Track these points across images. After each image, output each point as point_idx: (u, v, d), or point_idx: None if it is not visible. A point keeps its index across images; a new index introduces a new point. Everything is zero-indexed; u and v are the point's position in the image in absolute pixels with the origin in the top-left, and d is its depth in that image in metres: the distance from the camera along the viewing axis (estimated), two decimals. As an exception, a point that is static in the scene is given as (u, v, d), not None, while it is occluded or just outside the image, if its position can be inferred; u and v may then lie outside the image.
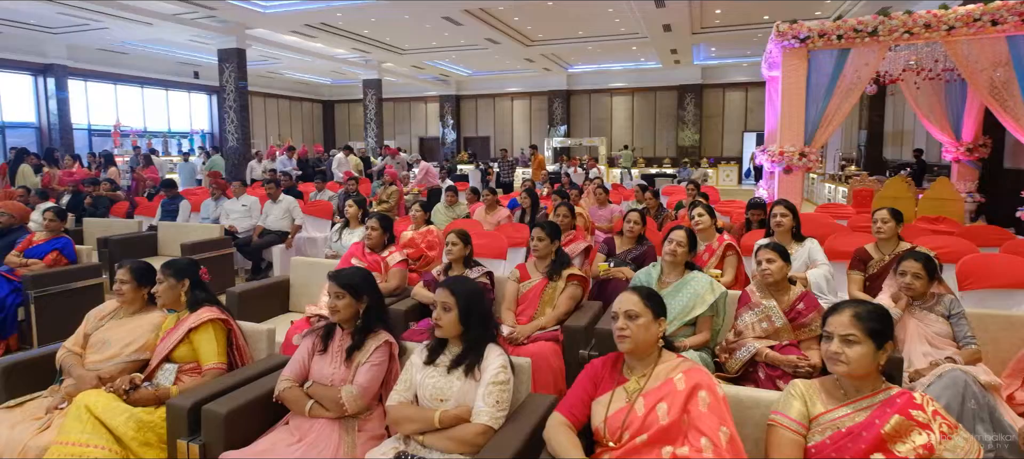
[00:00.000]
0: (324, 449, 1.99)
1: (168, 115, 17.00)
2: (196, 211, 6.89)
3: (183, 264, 2.54)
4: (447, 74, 21.56)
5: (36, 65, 13.42)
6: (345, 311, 2.18)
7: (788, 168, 7.71)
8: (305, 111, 22.97)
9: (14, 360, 2.48)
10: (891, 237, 3.56)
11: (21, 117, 13.59)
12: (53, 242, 4.39)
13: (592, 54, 18.62)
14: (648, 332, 1.80)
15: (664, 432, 1.66)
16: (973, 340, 2.67)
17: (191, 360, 2.38)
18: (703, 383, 1.71)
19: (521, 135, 23.30)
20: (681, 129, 21.43)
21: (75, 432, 2.02)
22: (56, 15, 11.51)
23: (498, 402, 1.91)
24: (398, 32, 14.89)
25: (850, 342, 1.64)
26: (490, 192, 6.00)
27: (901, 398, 1.61)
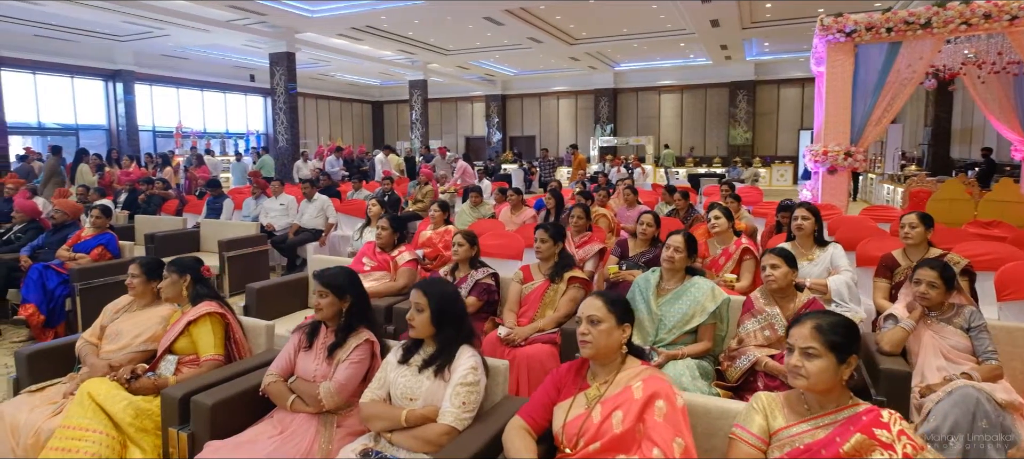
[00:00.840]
0: (300, 442, 2.06)
1: (226, 117, 17.83)
2: (239, 209, 7.20)
3: (186, 261, 2.67)
4: (493, 74, 21.69)
5: (106, 71, 14.36)
6: (328, 309, 2.25)
7: (832, 168, 7.38)
8: (355, 112, 23.60)
9: (37, 348, 2.67)
10: (920, 243, 3.36)
11: (94, 120, 14.57)
12: (99, 238, 4.69)
13: (639, 52, 18.34)
14: (610, 338, 1.77)
15: (617, 441, 1.63)
16: (994, 355, 2.49)
17: (191, 352, 2.51)
18: (661, 392, 1.67)
19: (567, 134, 23.18)
20: (733, 127, 20.80)
21: (77, 417, 2.17)
22: (122, 23, 12.26)
23: (464, 403, 1.93)
24: (442, 33, 15.09)
25: (810, 355, 1.56)
26: (515, 193, 6.01)
27: (867, 416, 1.53)
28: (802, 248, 3.71)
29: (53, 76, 13.69)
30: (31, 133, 13.18)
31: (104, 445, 2.13)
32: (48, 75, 13.58)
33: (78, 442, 2.10)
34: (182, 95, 16.56)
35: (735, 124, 20.74)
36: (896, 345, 2.59)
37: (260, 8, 11.52)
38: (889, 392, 2.44)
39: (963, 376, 2.41)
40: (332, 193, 8.19)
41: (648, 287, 2.97)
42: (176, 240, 6.17)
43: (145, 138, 15.32)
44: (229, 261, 5.56)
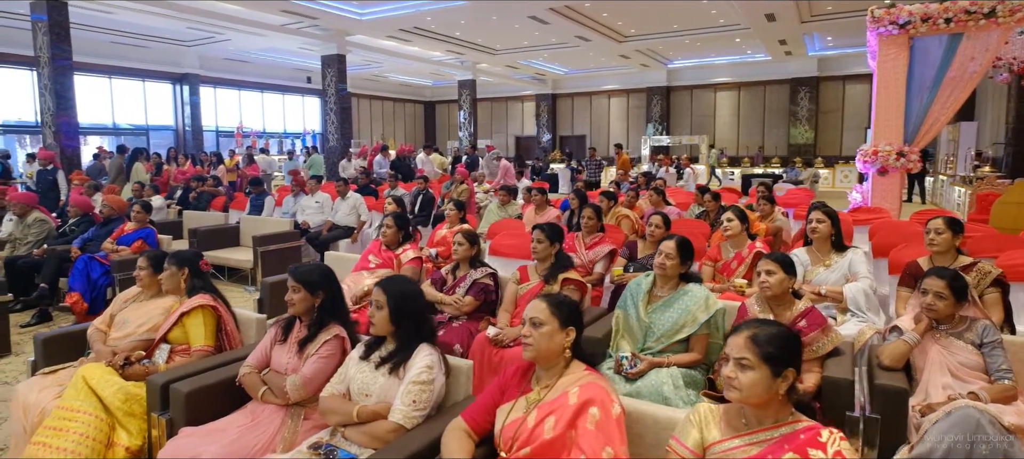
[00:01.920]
0: (265, 432, 2.13)
1: (284, 117, 18.61)
2: (280, 206, 7.49)
3: (185, 255, 2.81)
4: (543, 73, 21.65)
5: (174, 74, 15.27)
6: (300, 305, 2.31)
7: (883, 169, 6.96)
8: (408, 112, 24.10)
9: (52, 333, 2.87)
10: (947, 250, 3.13)
11: (162, 121, 15.55)
12: (139, 232, 5.00)
13: (692, 48, 17.87)
14: (552, 341, 1.74)
15: (547, 446, 1.60)
16: (1008, 374, 2.28)
17: (183, 342, 2.63)
18: (596, 400, 1.62)
19: (618, 133, 22.85)
20: (793, 126, 19.93)
21: (71, 398, 2.32)
22: (187, 30, 13.01)
23: (415, 402, 1.94)
24: (489, 33, 15.19)
25: (743, 366, 1.48)
26: (539, 193, 5.98)
27: (805, 434, 1.44)
28: (819, 253, 3.53)
29: (126, 80, 14.69)
30: (106, 133, 14.19)
31: (92, 426, 2.26)
32: (122, 79, 14.59)
33: (69, 422, 2.25)
34: (243, 96, 17.41)
35: (796, 123, 19.86)
36: (897, 359, 2.42)
37: (311, 11, 11.95)
38: (884, 409, 2.28)
39: (970, 396, 2.23)
40: (369, 192, 8.39)
41: (639, 292, 2.88)
42: (217, 235, 6.49)
43: (209, 138, 16.20)
44: (262, 256, 5.79)
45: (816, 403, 2.41)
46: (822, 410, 2.40)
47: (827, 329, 2.57)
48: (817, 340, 2.54)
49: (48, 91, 8.85)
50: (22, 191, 5.90)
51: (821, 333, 2.55)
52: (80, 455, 2.20)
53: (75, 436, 2.23)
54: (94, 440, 2.25)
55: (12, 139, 12.55)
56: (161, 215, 7.07)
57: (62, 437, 2.22)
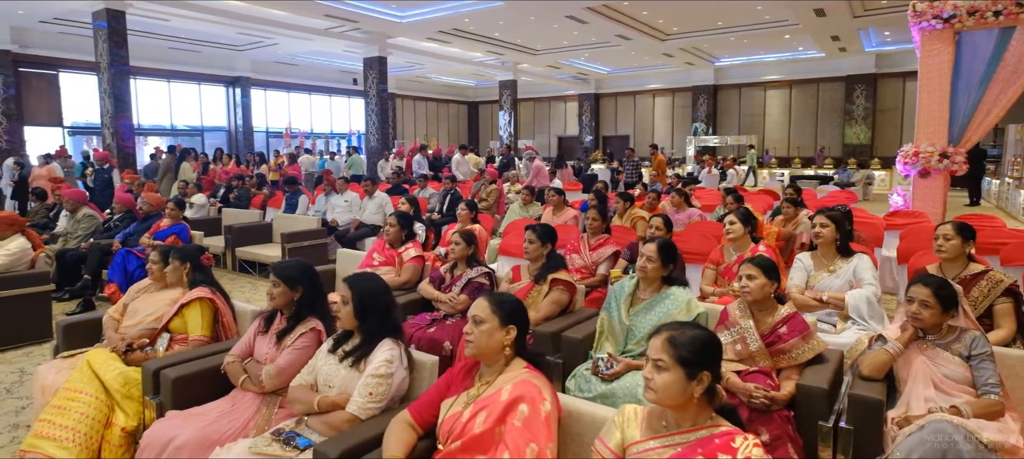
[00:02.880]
0: (241, 417, 2.25)
1: (331, 118, 19.22)
2: (313, 204, 7.77)
3: (188, 250, 2.99)
4: (585, 72, 21.53)
5: (227, 77, 16.03)
6: (280, 298, 2.43)
7: (924, 171, 6.62)
8: (451, 112, 24.43)
9: (73, 320, 3.11)
10: (956, 257, 2.98)
11: (216, 122, 16.34)
12: (173, 227, 5.31)
13: (739, 46, 17.39)
14: (492, 338, 1.78)
15: (476, 440, 1.65)
16: (995, 390, 2.17)
17: (182, 331, 2.80)
18: (526, 397, 1.66)
19: (662, 133, 22.49)
20: (849, 125, 19.12)
21: (75, 380, 2.51)
22: (238, 35, 13.64)
23: (371, 394, 2.01)
24: (527, 33, 15.24)
25: (659, 368, 1.49)
26: (556, 193, 5.99)
27: (721, 439, 1.43)
28: (824, 259, 3.42)
29: (183, 83, 15.52)
30: (165, 134, 15.04)
31: (93, 406, 2.45)
32: (179, 82, 15.42)
33: (72, 402, 2.44)
34: (292, 98, 18.08)
35: (851, 122, 19.04)
36: (876, 370, 2.34)
37: (352, 15, 12.32)
38: (857, 420, 2.21)
39: (951, 410, 2.13)
40: (400, 191, 8.59)
41: (622, 294, 2.88)
42: (251, 232, 6.80)
43: (259, 138, 16.92)
44: (290, 252, 6.04)
45: (790, 411, 2.36)
46: (796, 419, 2.35)
47: (808, 336, 2.50)
48: (796, 347, 2.49)
49: (107, 94, 9.47)
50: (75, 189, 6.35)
51: (801, 340, 2.49)
52: (80, 432, 2.38)
53: (76, 415, 2.41)
54: (94, 419, 2.43)
55: (80, 140, 13.48)
56: (202, 212, 7.46)
57: (65, 415, 2.41)
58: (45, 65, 12.84)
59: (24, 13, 11.20)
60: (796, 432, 2.31)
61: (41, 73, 12.86)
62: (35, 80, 12.80)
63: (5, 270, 4.23)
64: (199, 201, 7.47)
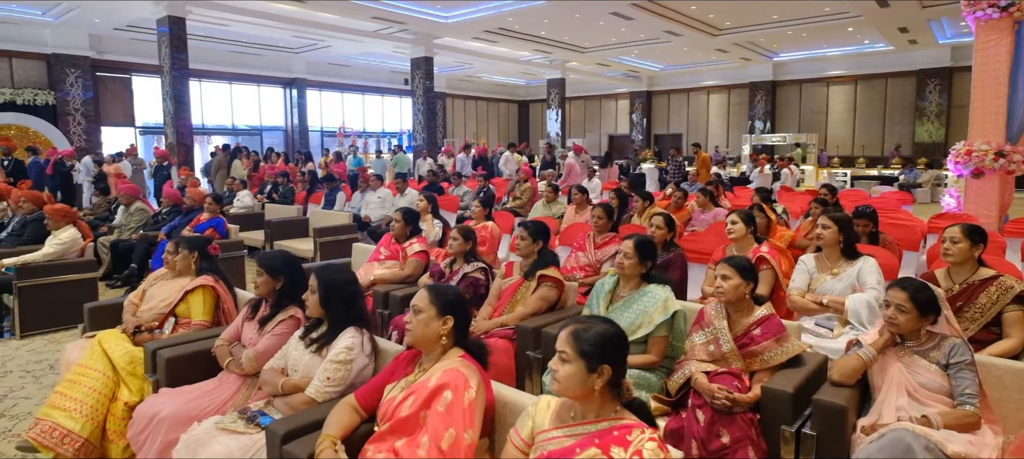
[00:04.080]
0: (220, 396, 2.41)
1: (383, 117, 19.77)
2: (350, 201, 8.06)
3: (197, 241, 3.20)
4: (636, 70, 21.22)
5: (284, 79, 16.79)
6: (263, 287, 2.58)
7: (977, 171, 6.20)
8: (501, 111, 24.60)
9: (99, 304, 3.40)
10: (963, 261, 2.82)
11: (274, 122, 17.15)
12: (211, 221, 5.65)
13: (798, 40, 16.66)
14: (428, 328, 1.85)
15: (401, 424, 1.72)
16: (972, 401, 2.06)
17: (187, 316, 3.01)
18: (450, 384, 1.71)
19: (717, 131, 21.89)
20: (920, 123, 18.03)
21: (87, 358, 2.75)
22: (293, 38, 14.25)
23: (329, 379, 2.12)
24: (574, 31, 15.18)
25: (563, 359, 1.53)
26: (578, 191, 5.99)
27: (618, 432, 1.45)
28: (827, 261, 3.29)
29: (243, 85, 16.36)
30: (226, 133, 15.90)
31: (100, 382, 2.68)
32: (240, 84, 16.27)
33: (82, 378, 2.68)
34: (346, 98, 18.73)
35: (923, 119, 17.94)
36: (848, 375, 2.25)
37: (399, 17, 12.65)
38: (821, 426, 2.14)
39: (921, 420, 2.04)
40: (435, 189, 8.77)
41: (602, 291, 2.89)
42: (289, 226, 7.13)
43: (314, 137, 17.63)
44: (321, 246, 6.30)
45: (755, 414, 2.31)
46: (762, 423, 2.30)
47: (782, 339, 2.44)
48: (768, 350, 2.43)
49: (169, 96, 10.14)
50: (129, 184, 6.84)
51: (774, 343, 2.43)
52: (87, 404, 2.61)
53: (85, 389, 2.65)
54: (100, 393, 2.66)
55: (151, 138, 14.48)
56: (247, 207, 7.87)
57: (76, 389, 2.65)
58: (119, 69, 13.86)
59: (100, 21, 12.13)
60: (760, 436, 2.27)
61: (116, 77, 13.89)
62: (111, 83, 13.84)
63: (57, 257, 4.63)
64: (244, 197, 7.89)
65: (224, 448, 2.01)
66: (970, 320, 2.75)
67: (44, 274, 4.53)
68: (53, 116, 12.53)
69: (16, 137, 11.58)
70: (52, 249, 4.60)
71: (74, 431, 2.54)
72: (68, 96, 12.68)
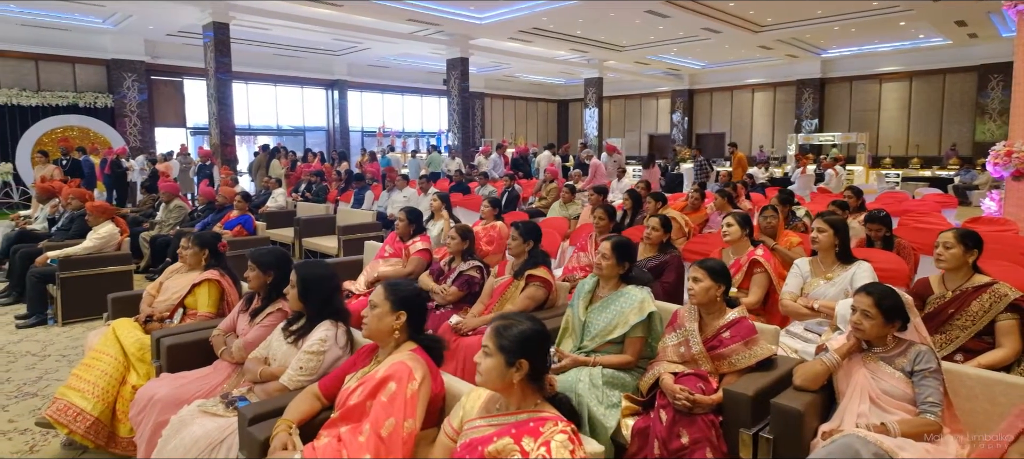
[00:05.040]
0: (211, 382, 2.59)
1: (421, 117, 20.14)
2: (377, 200, 8.30)
3: (206, 238, 3.41)
4: (677, 68, 20.88)
5: (326, 81, 17.33)
6: (254, 282, 2.75)
7: (1017, 173, 5.89)
8: (540, 111, 24.63)
9: (121, 294, 3.66)
10: (957, 267, 2.74)
11: (317, 122, 17.73)
12: (239, 218, 5.95)
13: (846, 35, 16.07)
14: (382, 322, 1.96)
15: (350, 411, 1.83)
16: (933, 409, 2.02)
17: (194, 308, 3.22)
18: (395, 376, 1.81)
19: (762, 130, 21.31)
20: (981, 121, 17.10)
21: (101, 344, 2.99)
22: (333, 41, 14.69)
23: (301, 368, 2.26)
24: (610, 30, 15.08)
25: (485, 353, 1.61)
26: (596, 192, 6.01)
27: (534, 423, 1.52)
28: (822, 265, 3.24)
29: (287, 87, 16.99)
30: (271, 134, 16.55)
31: (111, 366, 2.90)
32: (284, 86, 16.90)
33: (96, 362, 2.91)
34: (386, 99, 19.17)
35: (984, 117, 17.00)
36: (810, 381, 2.23)
37: (434, 19, 12.88)
38: (778, 430, 2.14)
39: (878, 427, 2.01)
40: (462, 188, 8.93)
41: (582, 292, 2.93)
42: (317, 224, 7.40)
43: (355, 137, 18.12)
44: (345, 243, 6.53)
45: (718, 417, 2.32)
46: (723, 424, 2.31)
47: (751, 343, 2.44)
48: (736, 353, 2.44)
49: (213, 97, 10.66)
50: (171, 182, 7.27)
51: (743, 346, 2.44)
52: (99, 386, 2.84)
53: (98, 372, 2.88)
54: (111, 377, 2.89)
55: (200, 138, 15.22)
56: (280, 205, 8.21)
57: (90, 372, 2.88)
58: (172, 73, 14.63)
59: (153, 28, 12.85)
60: (721, 438, 2.28)
61: (168, 80, 14.67)
62: (164, 86, 14.63)
63: (96, 251, 4.99)
64: (278, 196, 8.24)
65: (202, 429, 2.17)
66: (961, 328, 2.67)
67: (84, 266, 4.89)
68: (111, 118, 13.36)
69: (78, 138, 12.41)
70: (91, 243, 4.95)
71: (86, 410, 2.77)
72: (125, 98, 13.49)
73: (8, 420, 3.24)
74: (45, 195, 6.34)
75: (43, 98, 12.53)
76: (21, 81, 12.54)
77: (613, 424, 2.49)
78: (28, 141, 12.07)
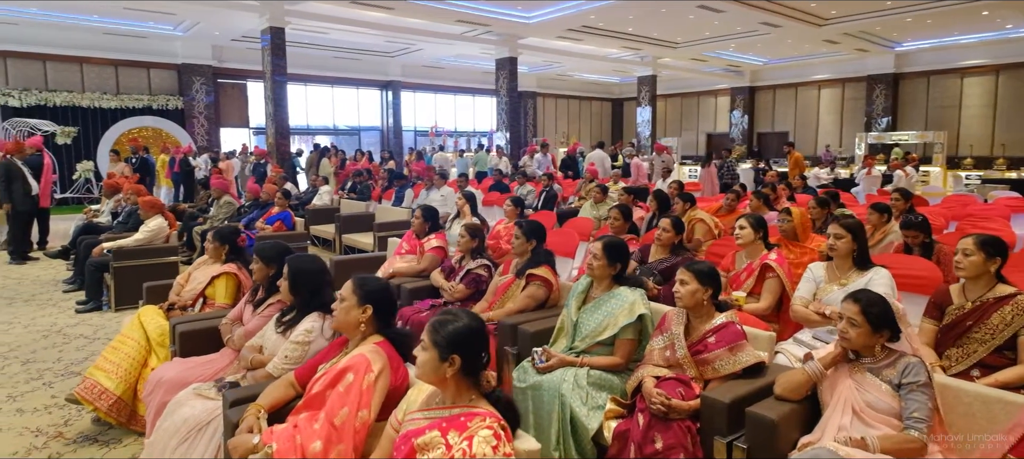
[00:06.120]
0: (213, 367, 2.75)
1: (474, 117, 20.38)
2: (416, 198, 8.48)
3: (226, 233, 3.60)
4: (736, 64, 20.19)
5: (381, 82, 17.82)
6: (258, 274, 2.89)
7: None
8: (594, 110, 24.36)
9: (156, 283, 3.92)
10: (978, 276, 2.55)
11: (371, 122, 18.28)
12: (279, 214, 6.25)
13: (921, 27, 15.04)
14: (349, 315, 2.02)
15: (311, 399, 1.91)
16: (918, 426, 1.90)
17: (213, 298, 3.42)
18: (353, 367, 1.87)
19: (829, 129, 20.28)
20: (1079, 118, 15.66)
21: (128, 328, 3.22)
22: (386, 43, 15.09)
23: (287, 357, 2.36)
24: (663, 26, 14.75)
25: (422, 348, 1.64)
26: (626, 192, 5.92)
27: (464, 418, 1.54)
28: (837, 270, 3.07)
29: (344, 88, 17.59)
30: (328, 133, 17.20)
31: (135, 349, 3.12)
32: (341, 87, 17.51)
33: (122, 345, 3.14)
34: (438, 99, 19.52)
35: (1082, 115, 15.56)
36: (791, 390, 2.14)
37: (483, 20, 12.99)
38: (752, 440, 2.07)
39: (856, 441, 1.91)
40: (501, 188, 8.99)
41: (576, 292, 2.92)
42: (357, 221, 7.65)
43: (408, 137, 18.55)
44: (379, 239, 6.73)
45: (696, 423, 2.26)
46: (700, 431, 2.25)
47: (736, 349, 2.37)
48: (720, 358, 2.37)
49: (269, 99, 11.19)
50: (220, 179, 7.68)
51: (727, 352, 2.36)
52: (122, 367, 3.06)
53: (123, 354, 3.11)
54: (134, 360, 3.11)
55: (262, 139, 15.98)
56: (325, 203, 8.54)
57: (116, 354, 3.11)
58: (236, 76, 15.45)
59: (219, 34, 13.61)
60: (697, 445, 2.22)
61: (233, 83, 15.50)
62: (229, 89, 15.47)
63: (146, 243, 5.35)
64: (324, 194, 8.56)
65: (191, 410, 2.31)
66: (979, 342, 2.48)
67: (135, 257, 5.26)
68: (181, 119, 14.27)
69: (152, 138, 13.34)
70: (142, 235, 5.32)
71: (110, 389, 2.99)
72: (194, 101, 14.37)
73: (51, 396, 3.54)
74: (110, 190, 6.85)
75: (121, 101, 13.54)
76: (103, 85, 13.59)
77: (595, 426, 2.47)
78: (108, 141, 13.08)
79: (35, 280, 6.37)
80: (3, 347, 4.38)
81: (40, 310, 5.30)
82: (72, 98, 13.08)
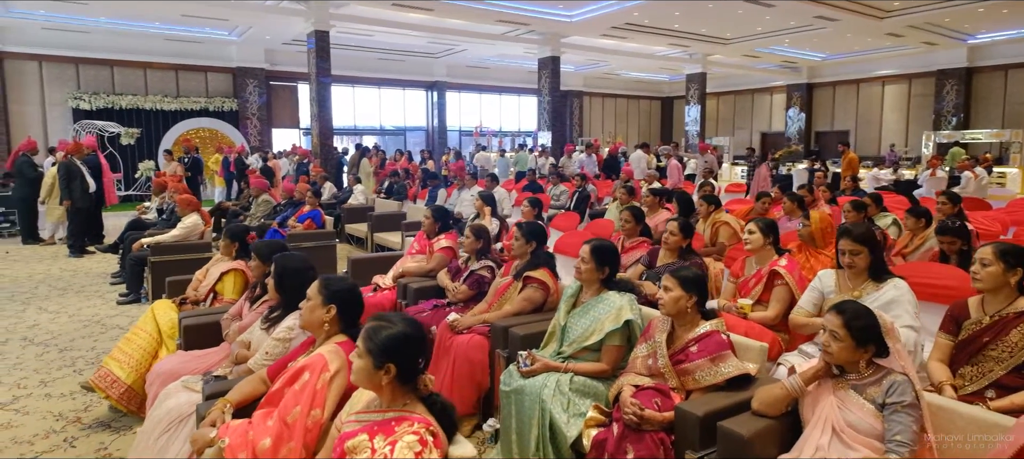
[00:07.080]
0: (209, 361, 2.83)
1: (519, 117, 20.39)
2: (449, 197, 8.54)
3: (237, 231, 3.73)
4: (793, 60, 19.36)
5: (426, 82, 18.08)
6: (256, 272, 2.97)
7: None
8: (642, 109, 23.92)
9: (177, 278, 4.09)
10: (996, 288, 2.34)
11: (417, 122, 18.57)
12: (309, 213, 6.42)
13: (996, 18, 14.02)
14: (313, 314, 2.04)
15: (270, 396, 1.95)
16: (901, 448, 1.76)
17: (222, 294, 3.54)
18: (309, 366, 1.89)
19: (894, 127, 19.21)
20: None
21: (141, 321, 3.38)
22: (430, 45, 15.29)
23: (268, 353, 2.41)
24: (711, 22, 14.32)
25: (357, 354, 1.63)
26: (652, 194, 5.77)
27: (394, 422, 1.53)
28: (850, 282, 2.87)
29: (390, 89, 17.95)
30: (374, 133, 17.59)
31: (147, 341, 3.27)
32: (387, 88, 17.88)
33: (136, 337, 3.30)
34: (483, 99, 19.64)
35: None
36: (768, 405, 2.02)
37: (524, 19, 12.97)
38: (722, 456, 1.96)
39: (834, 464, 1.78)
40: (534, 188, 8.95)
41: (566, 296, 2.86)
42: (388, 219, 7.78)
43: (452, 137, 18.75)
44: (407, 238, 6.81)
45: (670, 435, 2.16)
46: (674, 445, 2.15)
47: (718, 359, 2.26)
48: (701, 369, 2.27)
49: (313, 100, 11.54)
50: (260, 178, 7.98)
51: (708, 362, 2.26)
52: (134, 358, 3.21)
53: (135, 346, 3.26)
54: (145, 351, 3.25)
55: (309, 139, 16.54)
56: (361, 202, 8.72)
57: (129, 345, 3.27)
58: (287, 78, 16.02)
59: (270, 38, 14.15)
60: (670, 457, 2.12)
61: (285, 85, 16.09)
62: (281, 91, 16.07)
63: (182, 239, 5.61)
64: (359, 193, 8.75)
65: (176, 402, 2.39)
66: (996, 360, 2.28)
67: (171, 252, 5.51)
68: (235, 120, 14.93)
69: (208, 139, 14.02)
70: (178, 232, 5.58)
71: (121, 379, 3.14)
72: (247, 102, 15.01)
73: (78, 383, 3.75)
74: (158, 188, 7.22)
75: (181, 103, 14.29)
76: (164, 89, 14.38)
77: (574, 433, 2.41)
78: (167, 141, 13.83)
79: (88, 272, 6.80)
80: (48, 335, 4.68)
81: (86, 301, 5.64)
82: (136, 101, 13.91)
